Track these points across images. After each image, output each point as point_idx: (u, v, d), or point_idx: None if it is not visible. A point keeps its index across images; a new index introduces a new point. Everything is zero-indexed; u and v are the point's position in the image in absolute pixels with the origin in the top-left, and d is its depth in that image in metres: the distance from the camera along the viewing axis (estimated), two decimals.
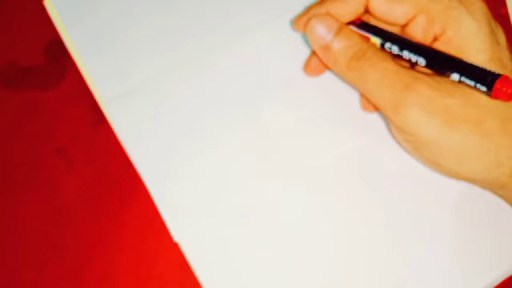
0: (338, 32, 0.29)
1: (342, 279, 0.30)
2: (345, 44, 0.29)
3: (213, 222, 0.31)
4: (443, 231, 0.31)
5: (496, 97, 0.25)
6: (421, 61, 0.28)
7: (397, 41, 0.29)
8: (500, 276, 0.30)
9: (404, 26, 0.29)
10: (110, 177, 0.33)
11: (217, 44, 0.34)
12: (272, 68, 0.34)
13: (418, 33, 0.29)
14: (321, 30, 0.29)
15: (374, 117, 0.33)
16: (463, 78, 0.26)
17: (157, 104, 0.33)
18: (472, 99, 0.27)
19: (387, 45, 0.29)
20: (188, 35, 0.34)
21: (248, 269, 0.31)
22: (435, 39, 0.28)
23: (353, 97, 0.33)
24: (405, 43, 0.28)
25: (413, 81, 0.27)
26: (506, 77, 0.25)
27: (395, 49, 0.29)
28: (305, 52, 0.34)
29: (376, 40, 0.29)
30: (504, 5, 0.36)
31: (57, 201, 0.32)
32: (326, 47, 0.29)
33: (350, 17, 0.30)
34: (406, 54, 0.28)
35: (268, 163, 0.32)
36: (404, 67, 0.28)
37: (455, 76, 0.27)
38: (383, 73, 0.28)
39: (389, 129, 0.32)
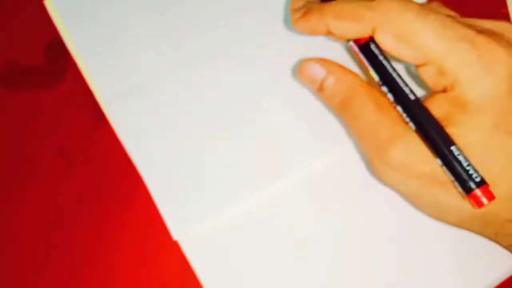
0: (328, 75, 0.28)
1: (341, 280, 0.30)
2: (332, 91, 0.28)
3: (213, 221, 0.31)
4: (443, 231, 0.31)
5: (470, 199, 0.25)
6: (411, 126, 0.26)
7: (394, 91, 0.27)
8: (500, 276, 0.30)
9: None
10: (110, 177, 0.33)
11: (217, 43, 0.34)
12: (273, 67, 0.34)
13: (427, 78, 0.27)
14: (312, 74, 0.29)
15: None
16: (444, 168, 0.25)
17: (157, 103, 0.33)
18: None
19: (383, 88, 0.27)
20: (188, 35, 0.34)
21: (248, 268, 0.31)
22: (444, 90, 0.26)
23: None
24: (400, 99, 0.26)
25: (386, 145, 0.26)
26: (487, 188, 0.25)
27: (390, 97, 0.27)
28: (306, 51, 0.34)
29: (374, 76, 0.27)
30: (504, 5, 0.36)
31: (57, 201, 0.32)
32: (318, 90, 0.29)
33: (352, 37, 0.28)
34: (399, 109, 0.27)
35: (269, 163, 0.32)
36: (389, 118, 0.27)
37: (438, 160, 0.25)
38: (362, 127, 0.27)
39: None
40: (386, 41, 0.26)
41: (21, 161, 0.33)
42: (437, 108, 0.26)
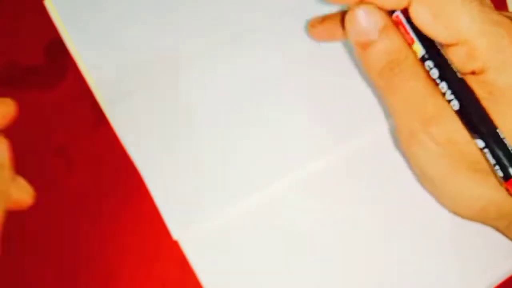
0: (382, 31, 0.26)
1: (341, 280, 0.30)
2: (384, 48, 0.26)
3: (213, 221, 0.31)
4: (443, 231, 0.31)
5: (507, 186, 0.24)
6: (454, 104, 0.25)
7: (440, 66, 0.25)
8: (500, 276, 0.30)
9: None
10: (110, 177, 0.33)
11: (217, 43, 0.34)
12: (273, 66, 0.34)
13: (455, 60, 0.26)
14: (365, 25, 0.26)
15: (377, 114, 0.33)
16: (485, 150, 0.24)
17: (157, 103, 0.33)
18: None
19: (428, 63, 0.25)
20: (188, 35, 0.34)
21: (249, 268, 0.31)
22: (473, 73, 0.25)
23: (356, 94, 0.33)
24: (447, 75, 0.25)
25: (434, 116, 0.25)
26: None
27: (434, 73, 0.25)
28: (307, 51, 0.34)
29: (418, 49, 0.26)
30: (504, 4, 0.36)
31: (57, 201, 0.32)
32: (365, 45, 0.26)
33: (388, 8, 0.26)
34: (443, 86, 0.25)
35: (269, 163, 0.32)
36: (436, 90, 0.25)
37: (479, 142, 0.24)
38: (409, 95, 0.26)
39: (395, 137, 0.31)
40: (419, 15, 0.25)
41: (21, 161, 0.33)
42: None
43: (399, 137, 0.27)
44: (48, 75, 0.34)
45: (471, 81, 0.25)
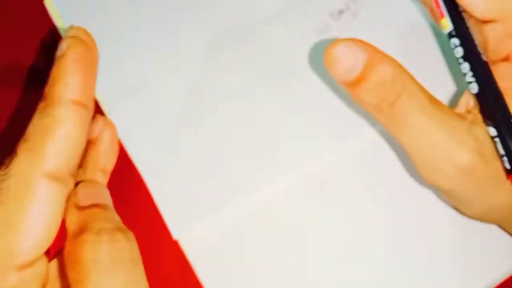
0: (369, 64, 0.22)
1: (341, 280, 0.30)
2: (375, 83, 0.23)
3: (213, 221, 0.31)
4: (442, 231, 0.31)
5: (510, 180, 0.23)
6: (473, 88, 0.24)
7: (466, 46, 0.24)
8: (500, 276, 0.30)
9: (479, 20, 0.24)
10: (110, 177, 0.33)
11: (217, 43, 0.34)
12: (274, 66, 0.34)
13: (491, 39, 0.24)
14: (348, 62, 0.23)
15: None
16: (496, 139, 0.23)
17: (157, 103, 0.33)
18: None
19: (453, 40, 0.24)
20: (189, 35, 0.34)
21: (249, 268, 0.31)
22: (506, 59, 0.23)
23: None
24: (471, 55, 0.24)
25: (458, 144, 0.23)
26: None
27: (458, 52, 0.24)
28: (306, 51, 0.34)
29: (447, 25, 0.24)
30: None
31: None
32: (352, 84, 0.23)
33: None
34: (465, 67, 0.24)
35: (270, 163, 0.32)
36: (446, 108, 0.23)
37: (491, 130, 0.23)
38: (416, 132, 0.23)
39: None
40: None
41: None
42: (497, 78, 0.23)
43: (418, 170, 0.25)
44: (48, 75, 0.34)
45: (507, 69, 0.23)
